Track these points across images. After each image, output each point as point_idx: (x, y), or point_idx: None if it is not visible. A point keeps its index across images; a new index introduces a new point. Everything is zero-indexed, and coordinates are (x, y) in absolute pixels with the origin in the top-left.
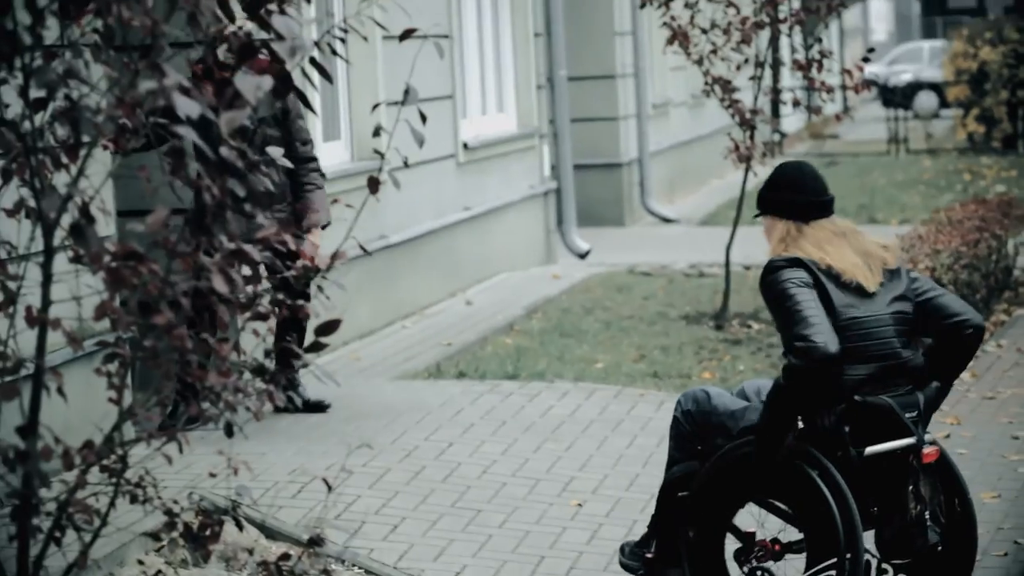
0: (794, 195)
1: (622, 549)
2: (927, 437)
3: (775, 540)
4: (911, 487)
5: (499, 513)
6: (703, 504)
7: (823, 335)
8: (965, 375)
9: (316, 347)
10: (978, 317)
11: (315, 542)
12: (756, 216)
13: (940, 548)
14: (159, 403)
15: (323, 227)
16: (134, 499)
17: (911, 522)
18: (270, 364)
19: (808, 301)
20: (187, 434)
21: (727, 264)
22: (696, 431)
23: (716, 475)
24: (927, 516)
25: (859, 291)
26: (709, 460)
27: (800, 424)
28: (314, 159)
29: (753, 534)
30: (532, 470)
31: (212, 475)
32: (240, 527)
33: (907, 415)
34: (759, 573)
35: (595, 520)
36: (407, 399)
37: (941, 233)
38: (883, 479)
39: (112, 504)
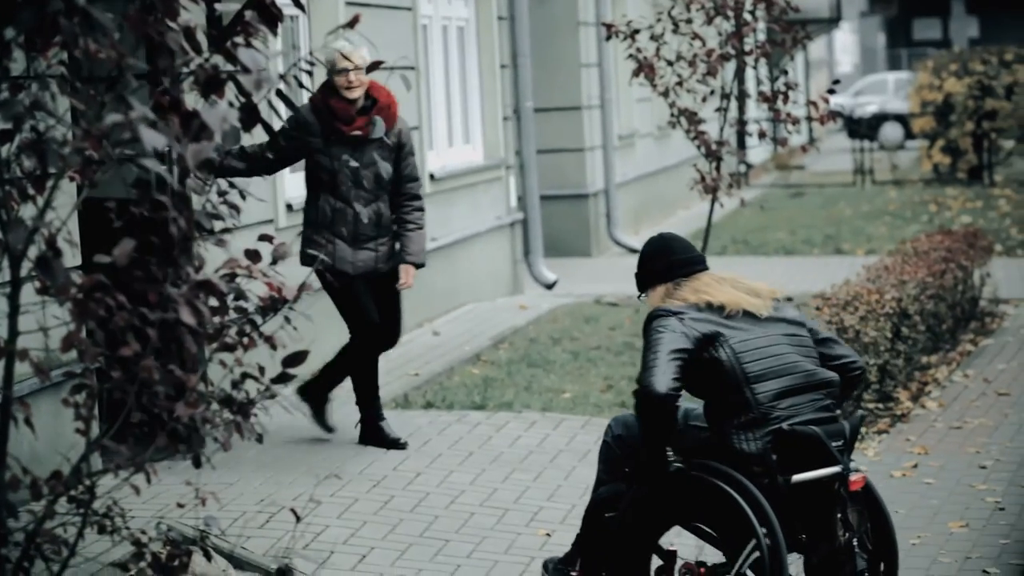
0: (665, 259)
1: (545, 565)
2: (852, 465)
3: (700, 563)
4: (839, 515)
5: (467, 543)
6: (628, 525)
7: (653, 377)
8: (932, 404)
9: (283, 378)
10: (860, 360)
11: (284, 572)
12: (639, 297)
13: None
14: (127, 434)
15: (417, 267)
16: (102, 529)
17: (839, 549)
18: (237, 395)
19: (658, 347)
20: (155, 464)
21: None
22: (626, 454)
23: (641, 498)
24: (855, 543)
25: (748, 319)
26: (635, 483)
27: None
28: (418, 198)
29: (674, 553)
30: (500, 500)
31: (180, 505)
32: (208, 557)
33: (833, 444)
34: None
35: (563, 549)
36: None
37: (907, 264)
38: (811, 507)
39: (80, 534)
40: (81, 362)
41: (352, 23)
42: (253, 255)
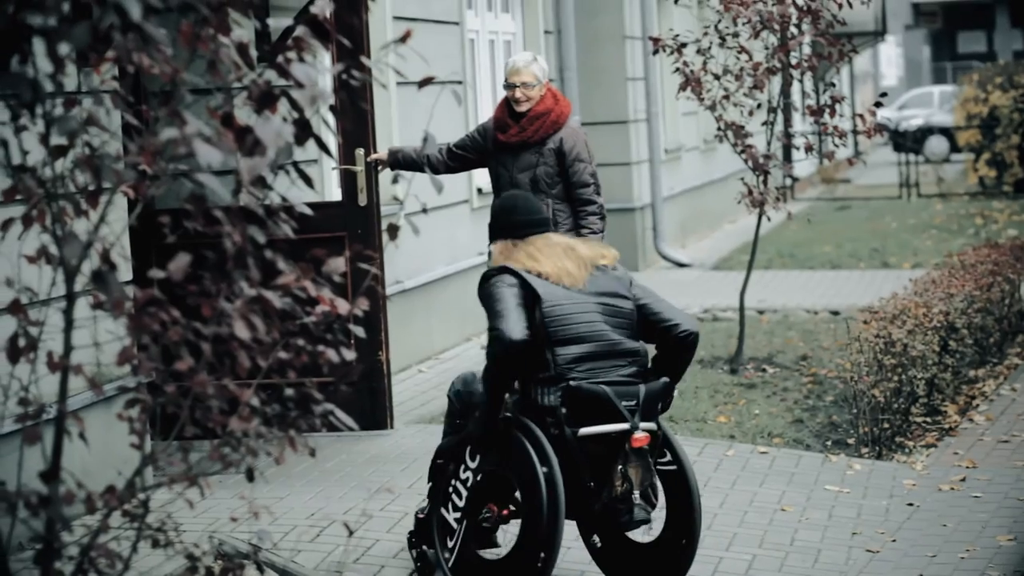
0: (508, 217)
1: (409, 540)
2: (646, 426)
3: (505, 506)
4: (620, 467)
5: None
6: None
7: (510, 325)
8: (980, 418)
9: (336, 391)
10: (690, 323)
11: None
12: (489, 245)
13: (667, 532)
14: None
15: None
16: (156, 543)
17: (617, 498)
18: (290, 409)
19: (506, 299)
20: (208, 478)
21: (741, 308)
22: (463, 409)
23: (474, 440)
24: (635, 496)
25: (569, 288)
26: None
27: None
28: (591, 202)
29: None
30: None
31: (233, 519)
32: (261, 571)
33: (624, 403)
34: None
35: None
36: (423, 443)
37: (954, 277)
38: (596, 458)
39: (134, 548)
40: (135, 376)
41: (404, 38)
42: (311, 268)
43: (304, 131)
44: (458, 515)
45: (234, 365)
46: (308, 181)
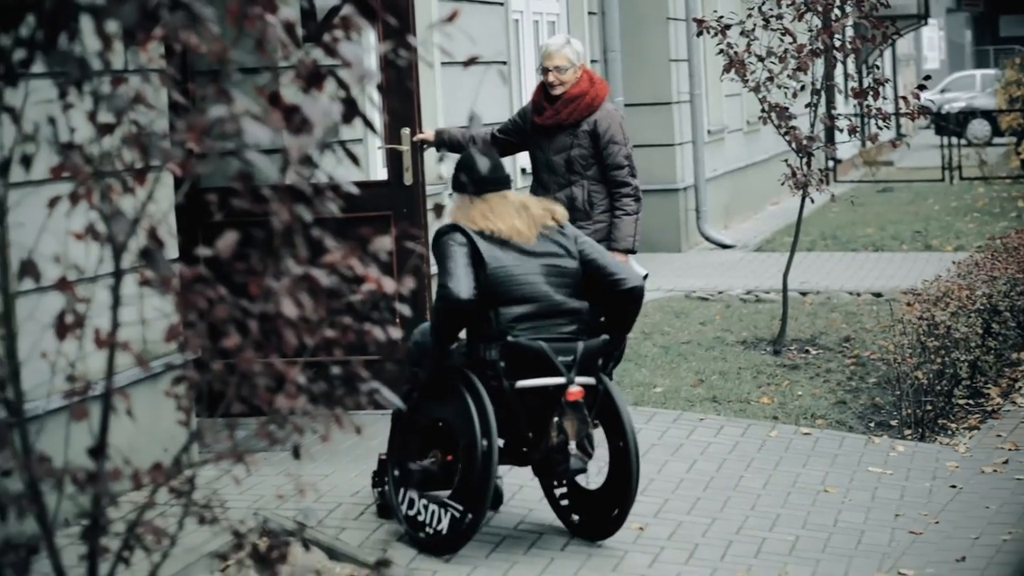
0: (470, 174)
1: (372, 481)
2: (583, 381)
3: (448, 452)
4: (556, 419)
5: (560, 536)
6: (410, 410)
7: (457, 284)
8: (1022, 400)
9: (382, 370)
10: (635, 278)
11: (382, 564)
12: (449, 195)
13: (607, 480)
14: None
15: (625, 252)
16: (202, 520)
17: (553, 448)
18: (337, 387)
19: (456, 258)
20: (254, 456)
21: (784, 290)
22: (418, 358)
23: (423, 385)
24: (571, 446)
25: (515, 248)
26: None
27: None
28: (626, 184)
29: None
30: None
31: (279, 496)
32: (306, 548)
33: (560, 358)
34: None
35: (656, 543)
36: None
37: (997, 260)
38: (534, 410)
39: (180, 525)
40: (182, 354)
41: (451, 18)
42: (358, 246)
43: (351, 110)
44: (409, 459)
45: (281, 343)
46: (354, 160)
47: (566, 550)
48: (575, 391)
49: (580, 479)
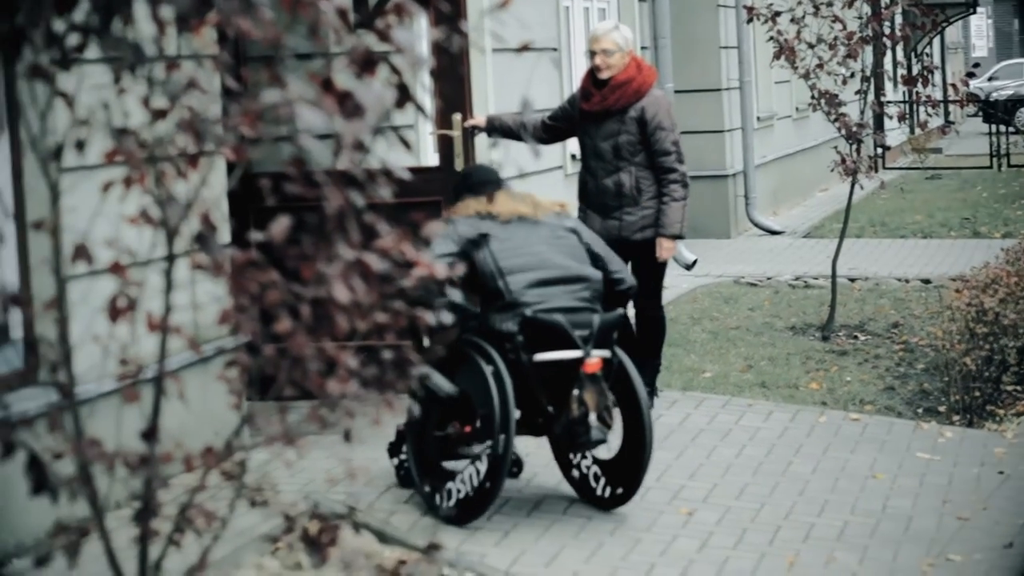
0: (466, 182)
1: (389, 450)
2: (600, 353)
3: (467, 423)
4: (576, 392)
5: (609, 522)
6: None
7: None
8: None
9: (432, 356)
10: (631, 279)
11: (432, 547)
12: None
13: (622, 450)
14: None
15: (673, 237)
16: (253, 503)
17: (574, 420)
18: (388, 372)
19: (443, 244)
20: (305, 439)
21: (833, 276)
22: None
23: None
24: (591, 418)
25: (520, 224)
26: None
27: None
28: (673, 170)
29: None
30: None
31: (330, 480)
32: (357, 531)
33: (577, 332)
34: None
35: (705, 529)
36: None
37: None
38: (552, 383)
39: (231, 508)
40: (234, 338)
41: (503, 4)
42: (410, 231)
43: (404, 96)
44: (428, 430)
45: (332, 327)
46: (406, 145)
47: (615, 535)
48: (593, 363)
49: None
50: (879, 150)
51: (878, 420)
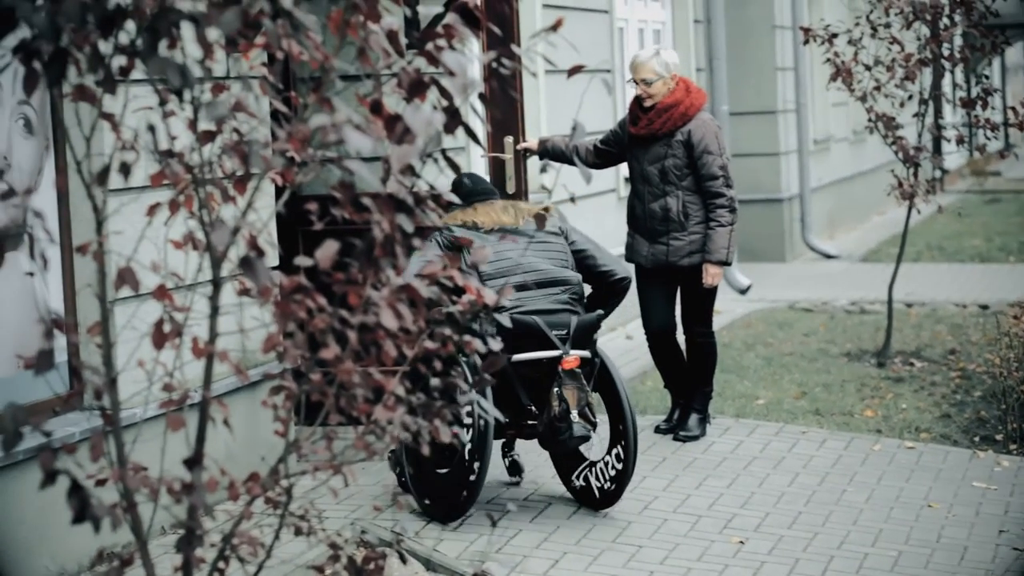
0: (457, 191)
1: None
2: (578, 352)
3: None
4: (556, 389)
5: (660, 549)
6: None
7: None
8: None
9: (481, 383)
10: (624, 270)
11: None
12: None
13: (609, 450)
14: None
15: (719, 263)
16: (298, 531)
17: (556, 417)
18: (436, 399)
19: (429, 252)
20: (351, 467)
21: (889, 301)
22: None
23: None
24: (573, 414)
25: (499, 231)
26: None
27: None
28: (720, 195)
29: None
30: (693, 506)
31: (376, 508)
32: (403, 560)
33: (555, 332)
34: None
35: (757, 558)
36: None
37: None
38: (533, 381)
39: (276, 536)
40: (280, 363)
41: (555, 27)
42: (453, 255)
43: (454, 119)
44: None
45: (380, 353)
46: (456, 169)
47: (665, 564)
48: (570, 360)
49: (583, 448)
50: (938, 173)
51: (934, 448)
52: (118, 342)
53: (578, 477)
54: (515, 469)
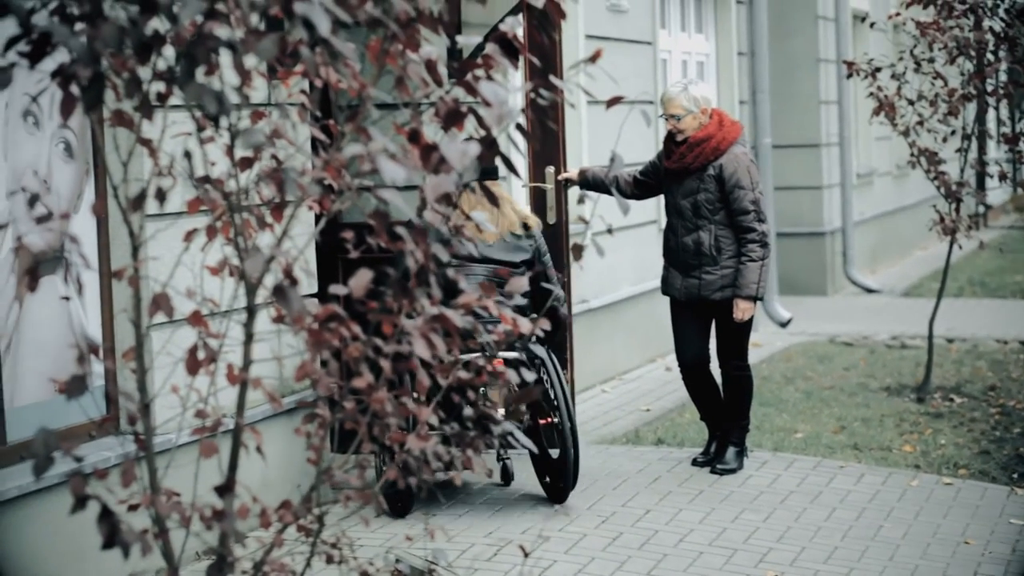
0: None
1: None
2: (506, 355)
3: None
4: (481, 389)
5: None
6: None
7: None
8: None
9: (515, 414)
10: (561, 300)
11: None
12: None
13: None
14: (357, 464)
15: (749, 299)
16: (330, 560)
17: (483, 416)
18: (469, 429)
19: None
20: (384, 496)
21: (930, 336)
22: None
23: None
24: (499, 413)
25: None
26: None
27: None
28: (751, 230)
29: None
30: (729, 540)
31: (409, 538)
32: None
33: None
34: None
35: None
36: (604, 464)
37: None
38: (465, 384)
39: (308, 564)
40: (314, 391)
41: (594, 58)
42: (489, 288)
43: (490, 150)
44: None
45: (413, 383)
46: (493, 199)
47: None
48: (496, 361)
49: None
50: (981, 209)
51: (972, 485)
52: (153, 368)
53: (544, 475)
54: (506, 474)
